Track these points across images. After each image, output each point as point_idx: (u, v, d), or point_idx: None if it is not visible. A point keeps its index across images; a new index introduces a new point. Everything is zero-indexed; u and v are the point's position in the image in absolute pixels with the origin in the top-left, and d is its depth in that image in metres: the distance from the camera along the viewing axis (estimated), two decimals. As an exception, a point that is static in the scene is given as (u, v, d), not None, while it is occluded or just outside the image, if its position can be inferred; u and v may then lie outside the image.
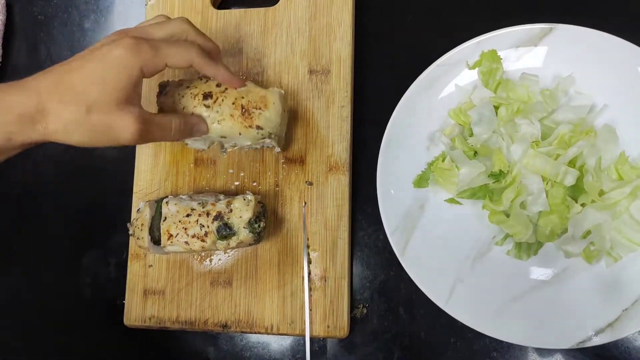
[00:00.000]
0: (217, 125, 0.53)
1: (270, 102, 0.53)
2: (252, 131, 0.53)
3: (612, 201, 0.49)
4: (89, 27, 0.70)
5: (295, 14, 0.61)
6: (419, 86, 0.55)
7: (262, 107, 0.52)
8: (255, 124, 0.52)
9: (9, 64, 0.71)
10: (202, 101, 0.53)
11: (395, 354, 0.56)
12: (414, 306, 0.56)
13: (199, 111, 0.53)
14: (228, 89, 0.53)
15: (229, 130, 0.53)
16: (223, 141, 0.57)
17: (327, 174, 0.58)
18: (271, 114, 0.53)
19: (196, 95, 0.53)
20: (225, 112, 0.53)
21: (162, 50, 0.47)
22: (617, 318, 0.49)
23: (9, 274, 0.61)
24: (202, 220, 0.53)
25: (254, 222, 0.53)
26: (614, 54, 0.52)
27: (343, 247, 0.57)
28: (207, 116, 0.53)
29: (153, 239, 0.55)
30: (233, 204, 0.54)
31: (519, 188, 0.50)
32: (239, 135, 0.53)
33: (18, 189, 0.68)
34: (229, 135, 0.53)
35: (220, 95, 0.53)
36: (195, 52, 0.48)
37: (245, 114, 0.52)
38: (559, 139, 0.51)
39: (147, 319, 0.59)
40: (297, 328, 0.56)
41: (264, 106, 0.53)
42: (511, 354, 0.54)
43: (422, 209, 0.55)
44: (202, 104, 0.53)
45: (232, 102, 0.53)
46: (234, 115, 0.53)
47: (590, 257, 0.51)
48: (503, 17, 0.56)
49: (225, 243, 0.53)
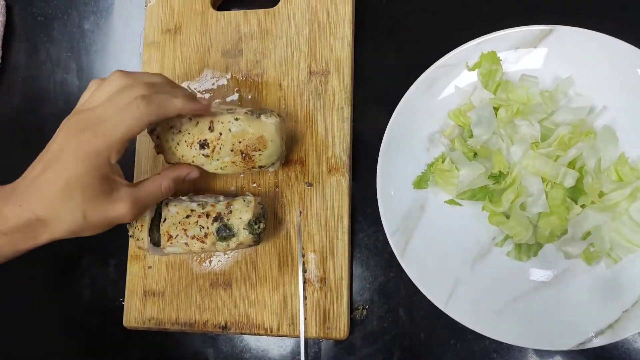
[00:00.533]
0: (220, 171, 0.54)
1: (268, 140, 0.52)
2: (254, 170, 0.55)
3: (611, 202, 0.49)
4: (89, 28, 0.70)
5: (295, 15, 0.61)
6: (418, 87, 0.55)
7: (260, 149, 0.52)
8: (257, 165, 0.53)
9: (8, 65, 0.71)
10: (200, 151, 0.52)
11: (395, 356, 0.56)
12: (413, 307, 0.56)
13: (199, 160, 0.53)
14: (222, 133, 0.51)
15: (233, 171, 0.54)
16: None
17: (326, 175, 0.58)
18: (271, 152, 0.53)
19: (192, 144, 0.52)
20: (226, 160, 0.53)
21: (115, 129, 0.46)
22: (617, 319, 0.49)
23: (8, 275, 0.61)
24: (202, 221, 0.53)
25: (253, 224, 0.53)
26: (614, 55, 0.52)
27: (343, 248, 0.57)
28: (209, 164, 0.53)
29: (153, 241, 0.55)
30: (233, 205, 0.53)
31: (519, 189, 0.50)
32: (243, 172, 0.56)
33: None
34: (233, 173, 0.56)
35: (217, 144, 0.52)
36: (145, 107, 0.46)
37: (246, 158, 0.52)
38: (558, 140, 0.51)
39: (147, 321, 0.59)
40: (296, 330, 0.56)
41: (262, 147, 0.52)
42: (511, 356, 0.54)
43: (422, 210, 0.55)
44: (200, 154, 0.53)
45: (230, 150, 0.52)
46: (235, 161, 0.53)
47: (590, 259, 0.51)
48: (502, 19, 0.56)
49: (225, 244, 0.53)
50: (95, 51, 0.69)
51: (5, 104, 0.70)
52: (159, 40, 0.64)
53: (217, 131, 0.52)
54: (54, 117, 0.69)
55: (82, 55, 0.69)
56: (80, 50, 0.70)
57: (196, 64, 0.63)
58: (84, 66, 0.69)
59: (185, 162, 0.54)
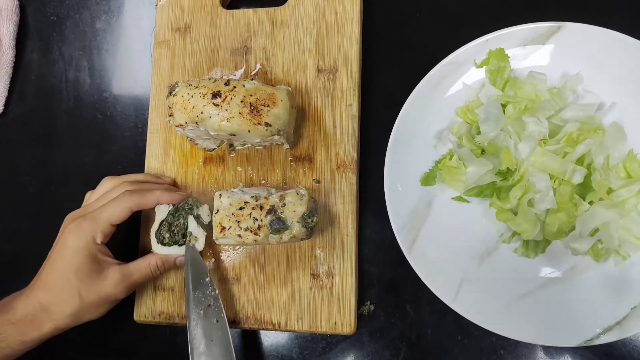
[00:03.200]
0: (226, 123, 0.53)
1: (279, 99, 0.53)
2: (260, 128, 0.53)
3: (620, 199, 0.49)
4: (100, 27, 0.71)
5: (303, 13, 0.62)
6: (426, 84, 0.55)
7: (270, 105, 0.53)
8: (264, 121, 0.53)
9: (22, 63, 0.72)
10: (211, 100, 0.53)
11: (402, 351, 0.56)
12: (421, 303, 0.57)
13: (208, 110, 0.53)
14: (237, 87, 0.54)
15: (238, 127, 0.54)
16: (232, 139, 0.57)
17: (334, 172, 0.59)
18: (279, 111, 0.53)
19: (205, 95, 0.54)
20: (234, 111, 0.53)
21: (102, 214, 0.53)
22: (625, 316, 0.49)
23: (18, 269, 0.62)
24: (256, 213, 0.52)
25: (307, 217, 0.52)
26: (622, 52, 0.52)
27: (350, 244, 0.57)
28: (217, 114, 0.53)
29: (161, 242, 0.56)
30: (286, 198, 0.53)
31: (527, 186, 0.50)
32: (248, 132, 0.54)
33: (33, 190, 0.69)
34: (238, 132, 0.54)
35: (229, 94, 0.54)
36: (128, 198, 0.54)
37: (254, 111, 0.53)
38: (566, 137, 0.51)
39: (157, 315, 0.60)
40: (304, 325, 0.56)
41: (272, 104, 0.53)
42: (518, 352, 0.54)
43: (429, 206, 0.55)
44: (211, 103, 0.53)
45: (240, 100, 0.53)
46: (242, 113, 0.53)
47: (598, 256, 0.51)
48: (511, 16, 0.56)
49: (277, 237, 0.53)
50: (106, 50, 0.70)
51: (19, 101, 0.72)
52: (169, 39, 0.65)
53: (231, 85, 0.54)
54: (65, 114, 0.70)
55: (94, 53, 0.70)
56: (92, 49, 0.71)
57: (205, 62, 0.64)
58: (96, 64, 0.70)
59: (194, 113, 0.54)
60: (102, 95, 0.69)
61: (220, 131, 0.54)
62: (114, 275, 0.53)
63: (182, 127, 0.56)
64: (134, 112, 0.68)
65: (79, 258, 0.52)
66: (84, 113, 0.69)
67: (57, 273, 0.52)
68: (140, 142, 0.66)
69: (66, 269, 0.51)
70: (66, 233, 0.53)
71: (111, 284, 0.53)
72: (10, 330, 0.50)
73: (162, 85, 0.64)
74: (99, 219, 0.53)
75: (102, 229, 0.53)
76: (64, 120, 0.70)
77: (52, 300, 0.51)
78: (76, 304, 0.51)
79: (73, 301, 0.51)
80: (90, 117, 0.69)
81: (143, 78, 0.68)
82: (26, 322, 0.50)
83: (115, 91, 0.69)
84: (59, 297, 0.51)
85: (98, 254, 0.53)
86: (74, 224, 0.53)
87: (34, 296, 0.51)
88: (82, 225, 0.52)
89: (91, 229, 0.52)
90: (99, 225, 0.53)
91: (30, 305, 0.51)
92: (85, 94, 0.70)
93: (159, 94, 0.64)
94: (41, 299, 0.51)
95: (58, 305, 0.51)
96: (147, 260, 0.55)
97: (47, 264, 0.53)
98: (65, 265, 0.52)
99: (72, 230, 0.52)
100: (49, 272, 0.52)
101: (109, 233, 0.54)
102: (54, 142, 0.70)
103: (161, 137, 0.63)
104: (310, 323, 0.56)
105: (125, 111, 0.68)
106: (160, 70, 0.65)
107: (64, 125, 0.70)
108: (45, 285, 0.52)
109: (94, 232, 0.52)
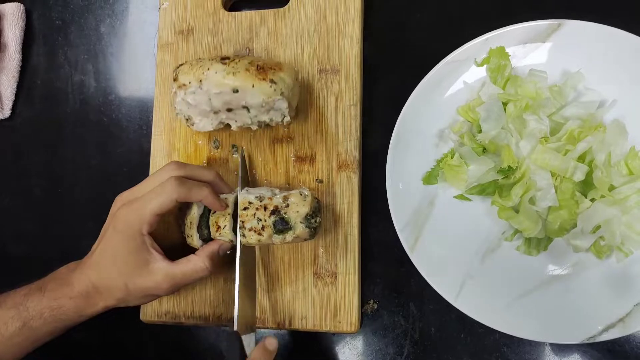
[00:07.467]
0: (231, 77, 0.53)
1: (285, 66, 0.55)
2: (265, 84, 0.53)
3: (622, 196, 0.49)
4: (105, 31, 0.72)
5: (304, 14, 0.62)
6: (427, 84, 0.55)
7: (277, 69, 0.54)
8: (269, 77, 0.53)
9: (28, 68, 0.73)
10: (220, 60, 0.55)
11: (405, 349, 0.57)
12: (424, 301, 0.57)
13: (215, 66, 0.54)
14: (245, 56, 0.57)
15: (243, 82, 0.53)
16: (232, 105, 0.56)
17: (337, 171, 0.59)
18: (285, 75, 0.54)
19: (213, 59, 0.55)
20: (241, 67, 0.54)
21: (147, 204, 0.52)
22: (628, 313, 0.49)
23: (30, 270, 0.63)
24: (260, 214, 0.53)
25: (310, 217, 0.53)
26: (623, 49, 0.52)
27: (353, 244, 0.57)
28: (222, 69, 0.54)
29: (202, 237, 0.56)
30: (290, 199, 0.53)
31: (528, 184, 0.50)
32: (252, 87, 0.53)
33: (40, 193, 0.70)
34: (241, 88, 0.53)
35: (238, 59, 0.55)
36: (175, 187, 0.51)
37: (261, 70, 0.54)
38: (568, 135, 0.51)
39: (163, 315, 0.61)
40: (308, 324, 0.57)
41: (279, 68, 0.55)
42: (522, 349, 0.54)
43: (431, 205, 0.55)
44: (219, 62, 0.54)
45: (248, 62, 0.54)
46: (249, 69, 0.54)
47: (600, 252, 0.51)
48: (511, 14, 0.56)
49: (281, 237, 0.53)
50: (111, 53, 0.71)
51: (26, 105, 0.73)
52: (172, 42, 0.66)
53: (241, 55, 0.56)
54: (71, 118, 0.71)
55: (99, 57, 0.71)
56: (97, 53, 0.72)
57: (208, 64, 0.64)
58: (101, 68, 0.71)
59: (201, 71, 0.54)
60: (107, 99, 0.70)
61: (223, 87, 0.54)
62: (159, 273, 0.52)
63: (184, 88, 0.55)
64: (138, 115, 0.69)
65: (126, 249, 0.52)
66: (89, 116, 0.70)
67: (107, 257, 0.52)
68: (145, 143, 0.66)
69: (116, 255, 0.52)
70: (116, 219, 0.52)
71: (156, 280, 0.52)
72: (69, 304, 0.52)
73: (165, 87, 0.65)
74: (144, 212, 0.52)
75: (148, 220, 0.52)
76: (70, 123, 0.71)
77: (102, 284, 0.52)
78: (122, 291, 0.52)
79: (119, 289, 0.52)
80: (96, 120, 0.70)
81: (147, 81, 0.69)
82: (82, 298, 0.52)
83: (120, 94, 0.70)
84: (108, 283, 0.52)
85: (144, 245, 0.52)
86: (122, 211, 0.52)
87: (87, 275, 0.52)
88: (129, 218, 0.52)
89: (138, 221, 0.51)
90: (145, 218, 0.52)
91: (84, 284, 0.52)
92: (90, 97, 0.71)
93: (162, 96, 0.65)
94: (93, 279, 0.52)
95: (107, 289, 0.52)
96: (192, 264, 0.53)
97: (100, 243, 0.53)
98: (115, 252, 0.52)
99: (119, 218, 0.52)
100: (101, 253, 0.53)
101: (154, 223, 0.52)
102: (60, 145, 0.71)
103: (165, 139, 0.64)
104: (314, 322, 0.57)
105: (130, 114, 0.69)
106: (163, 72, 0.65)
107: (70, 128, 0.71)
108: (97, 265, 0.52)
109: (140, 224, 0.52)
